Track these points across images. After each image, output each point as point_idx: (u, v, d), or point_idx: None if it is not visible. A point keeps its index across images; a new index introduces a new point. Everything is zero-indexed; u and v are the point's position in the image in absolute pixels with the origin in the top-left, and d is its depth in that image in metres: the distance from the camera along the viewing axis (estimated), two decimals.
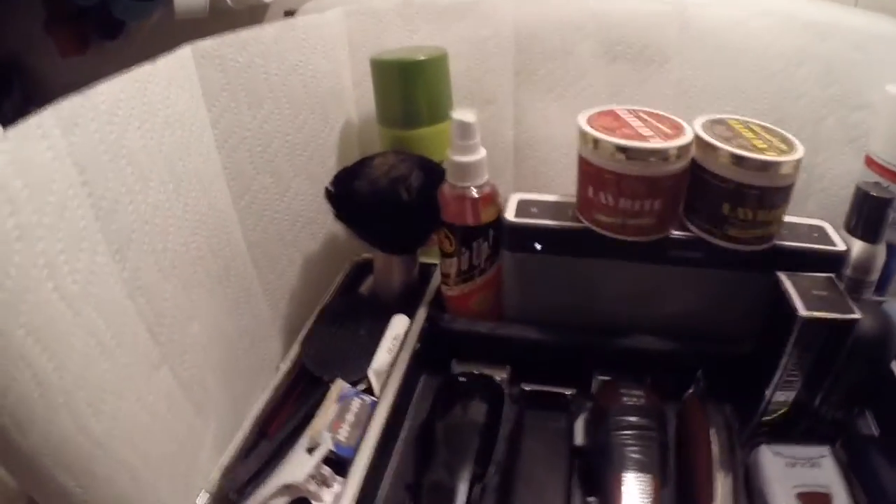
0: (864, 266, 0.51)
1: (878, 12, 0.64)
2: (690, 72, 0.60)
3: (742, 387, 0.47)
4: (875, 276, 0.52)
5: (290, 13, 0.77)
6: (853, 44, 0.59)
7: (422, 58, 0.53)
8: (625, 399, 0.46)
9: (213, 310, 0.45)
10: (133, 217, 0.36)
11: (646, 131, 0.44)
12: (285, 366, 0.52)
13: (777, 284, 0.44)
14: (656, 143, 0.42)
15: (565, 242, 0.48)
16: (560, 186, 0.65)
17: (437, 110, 0.55)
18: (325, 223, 0.59)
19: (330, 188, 0.49)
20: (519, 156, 0.65)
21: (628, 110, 0.47)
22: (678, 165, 0.43)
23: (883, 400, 0.47)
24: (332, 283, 0.57)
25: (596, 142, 0.43)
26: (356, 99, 0.63)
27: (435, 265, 0.56)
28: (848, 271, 0.50)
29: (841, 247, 0.48)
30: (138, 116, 0.37)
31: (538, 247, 0.48)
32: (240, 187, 0.50)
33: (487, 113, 0.63)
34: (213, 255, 0.46)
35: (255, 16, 0.80)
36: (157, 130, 0.39)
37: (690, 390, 0.49)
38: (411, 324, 0.51)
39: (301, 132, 0.54)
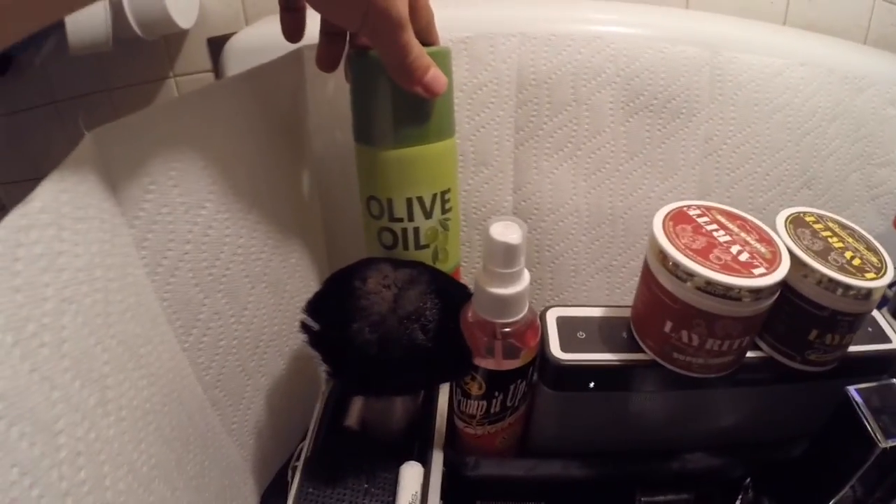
0: None
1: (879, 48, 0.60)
2: (720, 127, 0.52)
3: (796, 492, 0.43)
4: None
5: (216, 41, 0.60)
6: (888, 99, 0.54)
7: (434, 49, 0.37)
8: None
9: (178, 493, 0.32)
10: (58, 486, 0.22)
11: (740, 252, 0.34)
12: None
13: (848, 404, 0.38)
14: (763, 279, 0.32)
15: (625, 379, 0.38)
16: (568, 263, 0.55)
17: (438, 123, 0.39)
18: (291, 337, 0.45)
19: (311, 325, 0.36)
20: None
21: (701, 210, 0.38)
22: (775, 297, 0.35)
23: None
24: (309, 411, 0.44)
25: (685, 274, 0.33)
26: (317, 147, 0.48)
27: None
28: None
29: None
30: (9, 318, 0.22)
31: (591, 385, 0.38)
32: (185, 321, 0.36)
33: (481, 177, 0.51)
34: (168, 444, 0.33)
35: (170, 47, 0.62)
36: (49, 322, 0.24)
37: (739, 500, 0.44)
38: (427, 473, 0.40)
39: (256, 229, 0.40)
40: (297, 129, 0.45)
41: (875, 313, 0.45)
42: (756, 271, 0.33)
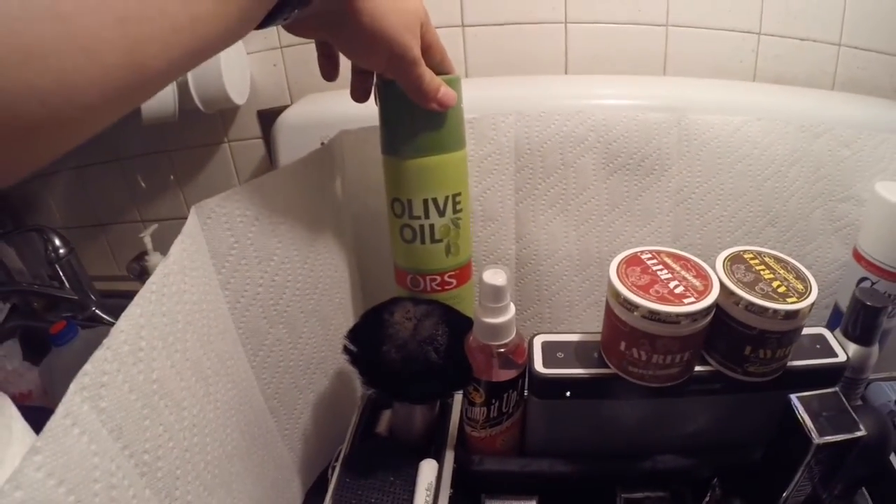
0: (861, 366, 0.55)
1: (855, 91, 0.68)
2: (689, 180, 0.61)
3: (756, 488, 0.50)
4: (869, 373, 0.56)
5: (265, 113, 0.73)
6: (842, 141, 0.61)
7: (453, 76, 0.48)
8: None
9: (248, 488, 0.44)
10: (175, 454, 0.34)
11: (677, 286, 0.44)
12: None
13: (790, 409, 0.46)
14: (691, 307, 0.42)
15: (595, 389, 0.47)
16: (564, 300, 0.65)
17: (450, 137, 0.49)
18: (335, 361, 0.57)
19: (351, 348, 0.47)
20: (521, 271, 0.64)
21: (652, 254, 0.47)
22: (708, 319, 0.44)
23: (882, 485, 0.51)
24: (347, 421, 0.55)
25: (630, 305, 0.42)
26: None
27: (454, 395, 0.54)
28: (847, 372, 0.53)
29: (842, 357, 0.50)
30: (160, 332, 0.34)
31: (567, 394, 0.47)
32: (254, 345, 0.48)
33: (489, 230, 0.62)
34: (242, 435, 0.44)
35: (225, 117, 0.77)
36: (180, 336, 0.36)
37: (708, 497, 0.51)
38: (441, 468, 0.50)
39: (310, 276, 0.52)
40: (338, 198, 0.57)
41: (826, 332, 0.53)
42: (686, 301, 0.43)
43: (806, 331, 0.53)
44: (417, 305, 0.49)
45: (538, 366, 0.47)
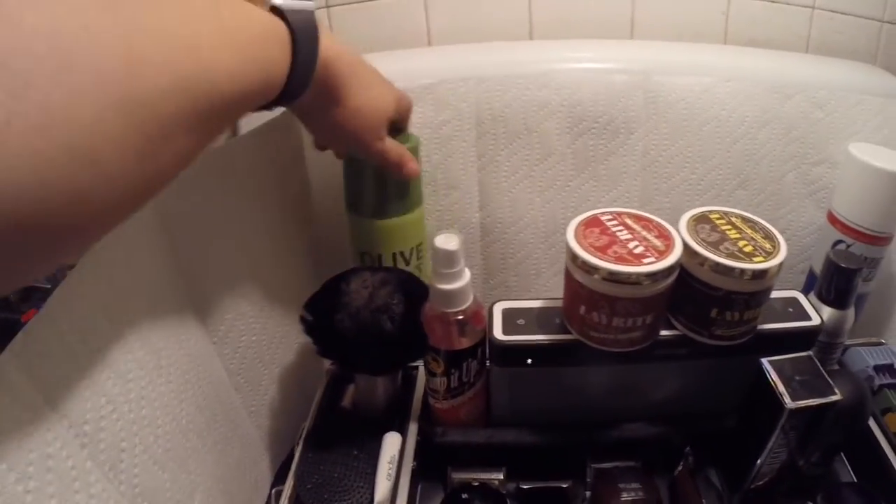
0: (836, 331, 0.54)
1: (830, 56, 0.66)
2: (656, 142, 0.60)
3: (730, 456, 0.50)
4: (844, 338, 0.55)
5: None
6: (815, 103, 0.60)
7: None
8: (624, 495, 0.47)
9: (208, 467, 0.42)
10: (119, 426, 0.33)
11: (636, 247, 0.42)
12: None
13: (761, 373, 0.45)
14: (651, 266, 0.40)
15: (556, 355, 0.46)
16: (531, 268, 0.64)
17: (413, 198, 0.53)
18: (299, 335, 0.55)
19: (308, 317, 0.46)
20: (487, 239, 0.63)
21: (612, 215, 0.46)
22: (670, 280, 0.43)
23: (860, 452, 0.51)
24: (313, 396, 0.53)
25: (588, 267, 0.41)
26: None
27: (418, 367, 0.53)
28: (821, 336, 0.52)
29: (815, 321, 0.49)
30: (101, 302, 0.33)
31: (529, 361, 0.46)
32: (214, 320, 0.46)
33: (452, 199, 0.61)
34: (201, 410, 0.42)
35: None
36: (124, 306, 0.35)
37: (681, 466, 0.50)
38: (404, 441, 0.49)
39: (271, 245, 0.51)
40: (297, 190, 0.56)
41: (799, 296, 0.52)
42: (646, 261, 0.41)
43: (779, 294, 0.51)
44: (375, 274, 0.47)
45: (497, 333, 0.46)
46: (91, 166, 0.20)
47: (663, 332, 0.47)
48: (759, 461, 0.46)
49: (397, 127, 0.50)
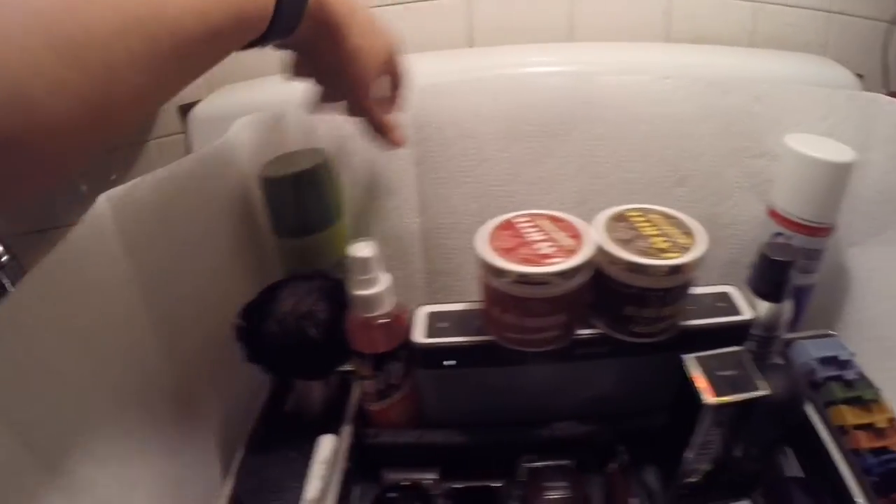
0: (772, 324, 0.53)
1: (781, 49, 0.66)
2: (594, 142, 0.60)
3: (662, 452, 0.49)
4: (782, 331, 0.54)
5: (186, 108, 0.74)
6: (753, 95, 0.60)
7: (305, 167, 0.54)
8: (550, 494, 0.47)
9: (157, 464, 0.44)
10: (59, 425, 0.35)
11: (545, 247, 0.43)
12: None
13: (682, 370, 0.45)
14: (555, 266, 0.41)
15: (477, 356, 0.47)
16: (470, 272, 0.63)
17: (329, 214, 0.56)
18: None
19: (241, 323, 0.47)
20: (428, 242, 0.64)
21: (527, 217, 0.47)
22: (579, 280, 0.43)
23: (803, 446, 0.50)
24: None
25: (496, 270, 0.42)
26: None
27: (354, 373, 0.55)
28: (757, 330, 0.52)
29: (746, 315, 0.49)
30: (53, 312, 0.35)
31: (452, 363, 0.47)
32: (167, 329, 0.47)
33: (392, 203, 0.62)
34: (150, 412, 0.44)
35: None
36: (73, 314, 0.36)
37: (616, 464, 0.50)
38: (339, 442, 0.50)
39: (222, 261, 0.52)
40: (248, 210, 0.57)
41: (731, 290, 0.52)
42: (554, 261, 0.42)
43: (709, 289, 0.52)
44: (309, 282, 0.49)
45: (418, 336, 0.47)
46: (25, 109, 0.20)
47: (584, 332, 0.47)
48: (686, 457, 0.46)
49: (393, 81, 0.51)
